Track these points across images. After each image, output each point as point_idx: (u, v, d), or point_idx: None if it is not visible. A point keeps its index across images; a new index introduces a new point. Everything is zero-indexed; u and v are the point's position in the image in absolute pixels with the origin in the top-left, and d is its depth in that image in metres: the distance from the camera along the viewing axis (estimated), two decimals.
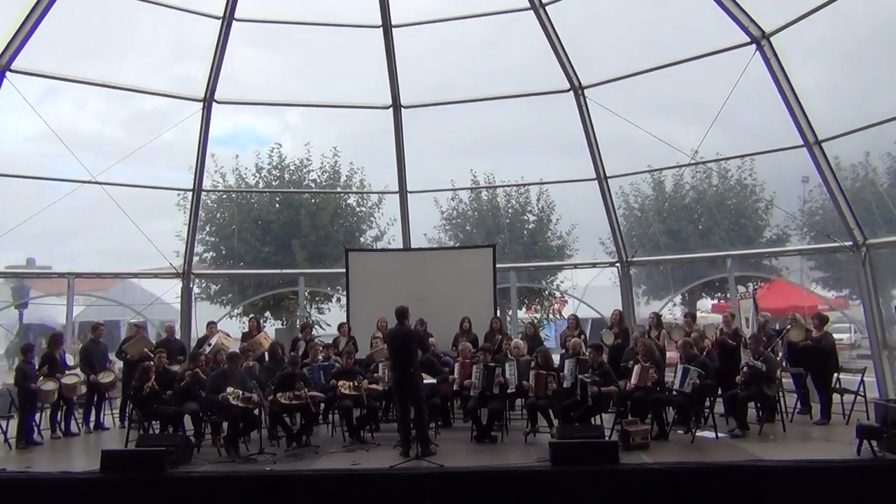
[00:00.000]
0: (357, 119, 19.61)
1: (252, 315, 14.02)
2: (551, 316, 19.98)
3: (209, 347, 11.06)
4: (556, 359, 9.98)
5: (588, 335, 12.24)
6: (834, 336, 10.42)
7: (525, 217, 20.58)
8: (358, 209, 20.43)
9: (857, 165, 16.12)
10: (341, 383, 9.43)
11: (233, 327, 15.15)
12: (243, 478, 7.83)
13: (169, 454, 7.84)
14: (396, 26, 12.90)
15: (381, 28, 12.88)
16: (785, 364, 10.36)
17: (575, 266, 17.50)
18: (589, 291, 16.02)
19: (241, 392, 8.82)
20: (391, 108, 13.99)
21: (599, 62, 13.18)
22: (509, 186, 19.32)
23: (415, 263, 13.29)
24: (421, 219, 16.38)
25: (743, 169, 20.04)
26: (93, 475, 7.64)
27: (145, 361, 10.01)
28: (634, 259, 14.51)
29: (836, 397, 9.92)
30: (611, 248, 15.42)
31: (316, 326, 15.41)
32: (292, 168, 20.06)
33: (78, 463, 8.71)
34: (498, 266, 13.08)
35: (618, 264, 14.52)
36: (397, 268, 13.11)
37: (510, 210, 20.51)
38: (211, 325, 12.16)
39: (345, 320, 12.63)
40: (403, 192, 14.70)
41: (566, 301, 18.86)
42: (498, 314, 12.42)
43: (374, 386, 9.62)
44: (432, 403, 9.45)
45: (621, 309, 12.67)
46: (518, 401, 10.37)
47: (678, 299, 19.33)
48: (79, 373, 10.71)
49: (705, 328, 11.28)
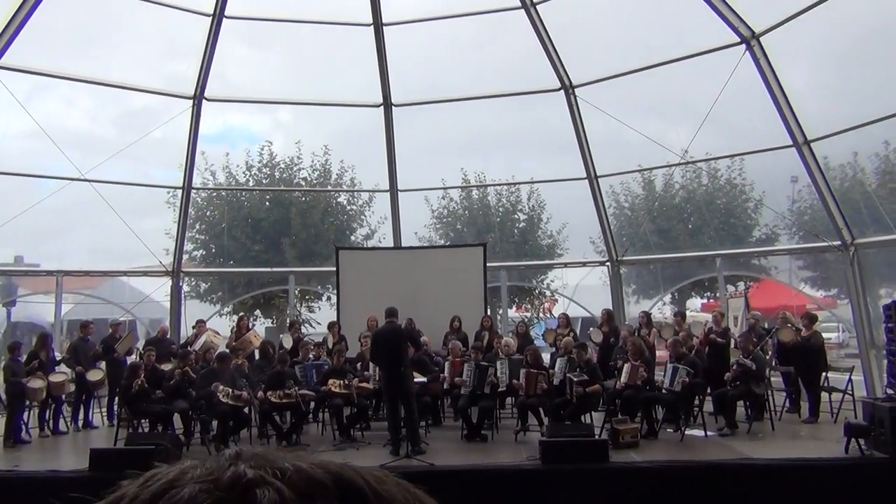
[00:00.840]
0: (348, 117, 19.67)
1: (242, 314, 13.96)
2: (542, 315, 20.00)
3: (198, 344, 11.01)
4: (546, 358, 10.00)
5: (578, 333, 12.26)
6: (822, 335, 10.49)
7: (516, 216, 20.61)
8: (348, 207, 20.38)
9: (846, 165, 16.17)
10: (331, 382, 9.41)
11: (222, 325, 15.09)
12: None
13: (158, 453, 7.78)
14: (387, 24, 12.85)
15: (372, 26, 12.83)
16: (774, 363, 10.42)
17: (565, 265, 17.52)
18: (579, 290, 16.03)
19: (231, 390, 8.80)
20: (382, 107, 13.91)
21: (590, 61, 13.22)
22: (500, 185, 19.33)
23: (405, 262, 13.28)
24: (411, 217, 16.35)
25: (732, 169, 20.10)
26: (81, 474, 7.59)
27: (131, 356, 9.96)
28: (624, 258, 14.52)
29: (825, 396, 9.99)
30: (601, 248, 15.43)
31: (305, 325, 15.34)
32: (283, 166, 19.99)
33: (66, 462, 8.68)
34: (488, 265, 13.08)
35: (608, 263, 14.52)
36: (388, 266, 13.10)
37: (501, 209, 20.53)
38: (200, 324, 12.09)
39: (335, 319, 12.61)
40: (394, 191, 14.65)
41: (556, 300, 18.88)
42: (488, 313, 12.43)
43: (365, 384, 9.62)
44: (423, 402, 9.44)
45: (611, 308, 12.73)
46: (508, 399, 10.39)
47: (668, 298, 19.37)
48: (66, 370, 10.64)
49: (691, 326, 11.32)
